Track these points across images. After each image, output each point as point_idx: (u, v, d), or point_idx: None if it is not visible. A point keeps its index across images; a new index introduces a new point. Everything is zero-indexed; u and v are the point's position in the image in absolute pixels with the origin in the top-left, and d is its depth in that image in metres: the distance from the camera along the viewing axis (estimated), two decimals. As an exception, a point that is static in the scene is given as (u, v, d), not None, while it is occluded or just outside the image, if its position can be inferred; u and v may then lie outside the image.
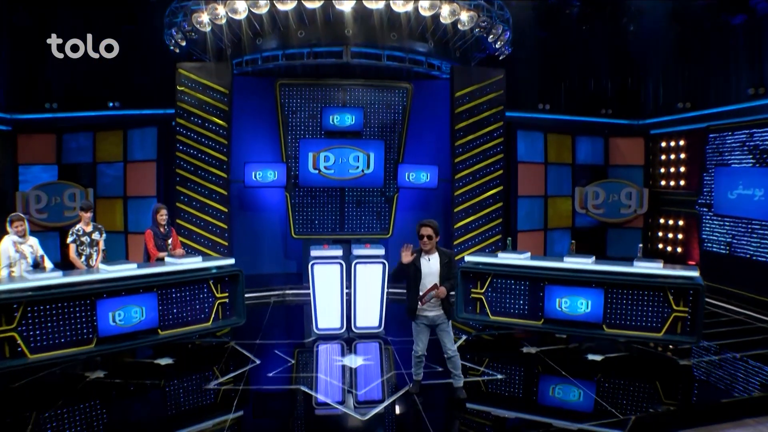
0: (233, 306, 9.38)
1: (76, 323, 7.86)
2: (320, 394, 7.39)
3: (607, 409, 6.73)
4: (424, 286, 6.86)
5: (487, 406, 6.94)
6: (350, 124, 13.07)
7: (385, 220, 13.63)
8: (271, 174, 12.97)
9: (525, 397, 7.54)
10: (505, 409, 6.86)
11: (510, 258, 9.44)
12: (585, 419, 6.48)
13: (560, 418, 6.47)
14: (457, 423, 6.75)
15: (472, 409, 6.84)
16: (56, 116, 14.25)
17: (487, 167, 13.12)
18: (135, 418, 6.89)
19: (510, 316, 9.30)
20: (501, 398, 7.22)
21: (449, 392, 7.10)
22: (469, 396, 7.04)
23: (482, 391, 7.45)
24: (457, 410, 6.84)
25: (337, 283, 9.68)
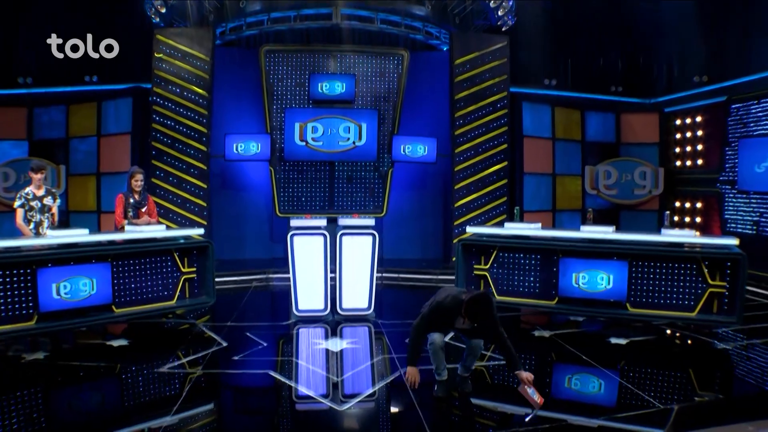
0: (202, 283, 8.07)
1: (13, 296, 6.63)
2: (291, 380, 6.01)
3: (634, 401, 5.39)
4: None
5: (492, 400, 5.51)
6: (340, 93, 11.81)
7: (379, 198, 12.29)
8: (254, 146, 11.66)
9: (537, 387, 5.90)
10: (512, 404, 5.30)
11: (518, 228, 8.10)
12: (608, 413, 5.10)
13: (576, 413, 5.04)
14: (455, 420, 5.31)
15: (475, 404, 5.45)
16: (30, 92, 13.01)
17: (490, 141, 11.82)
18: (63, 402, 5.59)
19: (519, 295, 7.95)
20: (508, 390, 5.59)
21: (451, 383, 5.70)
22: (473, 387, 5.68)
23: (487, 382, 6.03)
24: (458, 405, 5.46)
25: (320, 257, 8.32)
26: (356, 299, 8.39)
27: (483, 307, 5.04)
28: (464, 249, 8.11)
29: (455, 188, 11.75)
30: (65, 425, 5.08)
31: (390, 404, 5.50)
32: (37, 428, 4.84)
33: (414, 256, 12.76)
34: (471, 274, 8.16)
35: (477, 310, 5.03)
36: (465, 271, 8.14)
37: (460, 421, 5.21)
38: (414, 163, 12.13)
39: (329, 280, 8.38)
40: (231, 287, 10.61)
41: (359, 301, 8.40)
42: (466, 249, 8.12)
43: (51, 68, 12.83)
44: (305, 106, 12.08)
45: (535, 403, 4.93)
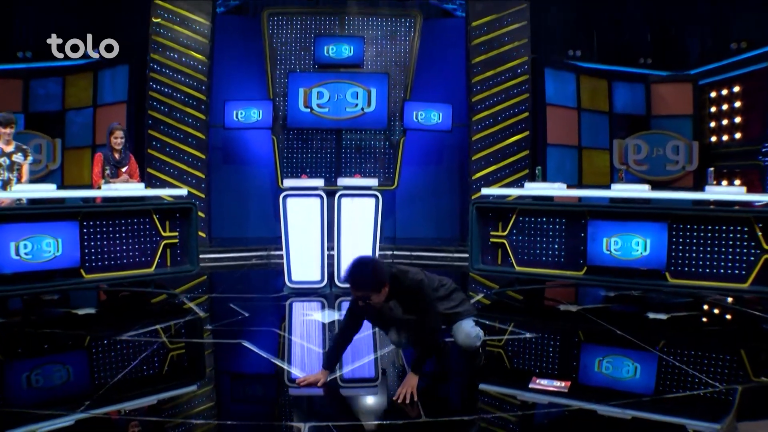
0: (185, 249, 7.14)
1: None
2: (264, 351, 4.92)
3: (681, 385, 4.25)
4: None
5: (507, 387, 4.23)
6: (348, 56, 10.86)
7: (390, 169, 11.24)
8: (255, 113, 10.74)
9: (562, 371, 4.64)
10: (532, 391, 4.01)
11: (540, 188, 7.01)
12: (648, 398, 3.94)
13: (606, 401, 3.79)
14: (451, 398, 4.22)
15: (484, 390, 4.24)
16: (30, 66, 12.15)
17: (509, 108, 10.72)
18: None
19: (542, 265, 6.85)
20: (526, 375, 4.29)
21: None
22: (487, 372, 4.45)
23: (505, 366, 4.77)
24: (464, 389, 4.33)
25: (316, 222, 7.33)
26: (357, 269, 7.35)
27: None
28: (479, 213, 7.07)
29: (472, 159, 10.67)
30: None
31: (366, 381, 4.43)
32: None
33: (428, 235, 11.70)
34: (487, 242, 7.11)
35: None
36: (480, 238, 7.10)
37: (459, 400, 4.17)
38: (428, 132, 11.09)
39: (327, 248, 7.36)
40: (228, 264, 9.67)
41: (361, 271, 7.35)
42: (481, 213, 7.08)
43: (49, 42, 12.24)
44: (310, 70, 11.15)
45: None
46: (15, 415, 3.44)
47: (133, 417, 3.52)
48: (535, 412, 3.73)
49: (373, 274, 3.65)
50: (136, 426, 3.40)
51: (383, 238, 10.67)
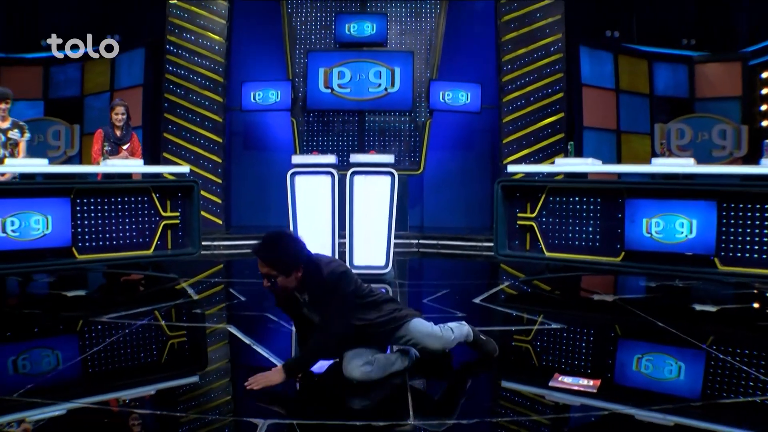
0: (186, 231, 6.61)
1: None
2: (249, 336, 4.23)
3: (734, 388, 3.43)
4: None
5: (524, 384, 3.44)
6: (370, 34, 10.27)
7: (416, 152, 10.56)
8: (273, 94, 10.20)
9: (592, 369, 3.82)
10: (552, 390, 3.23)
11: (572, 165, 6.27)
12: (696, 402, 3.17)
13: (645, 405, 2.99)
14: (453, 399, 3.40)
15: (494, 389, 3.51)
16: (50, 54, 11.84)
17: (543, 89, 9.98)
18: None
19: (574, 250, 6.09)
20: (549, 372, 3.47)
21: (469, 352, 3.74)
22: (503, 368, 3.69)
23: (525, 362, 3.93)
24: (469, 386, 3.53)
25: (327, 203, 6.70)
26: (371, 255, 6.73)
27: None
28: (505, 193, 6.36)
29: (503, 143, 9.96)
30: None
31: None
32: None
33: (457, 224, 10.97)
34: (514, 225, 6.40)
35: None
36: (506, 221, 6.40)
37: (460, 400, 3.37)
38: (455, 113, 10.39)
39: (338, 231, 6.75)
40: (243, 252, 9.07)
41: (374, 257, 6.72)
42: (507, 193, 6.38)
43: (73, 30, 11.90)
44: (331, 49, 10.59)
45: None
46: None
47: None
48: (553, 415, 3.00)
49: (285, 251, 3.10)
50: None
51: (409, 227, 10.14)
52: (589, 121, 10.47)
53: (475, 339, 3.62)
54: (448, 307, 5.29)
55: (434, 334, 3.38)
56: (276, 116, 10.76)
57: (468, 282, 7.00)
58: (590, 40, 10.75)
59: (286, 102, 10.25)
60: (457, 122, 10.83)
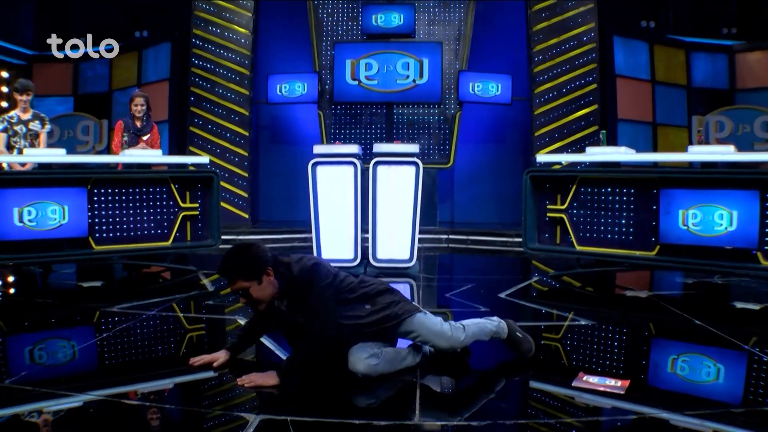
0: (206, 222, 6.43)
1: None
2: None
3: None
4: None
5: (554, 385, 3.12)
6: (398, 25, 10.04)
7: (445, 145, 10.30)
8: (299, 87, 10.03)
9: (625, 370, 3.45)
10: (585, 392, 2.92)
11: (605, 153, 5.94)
12: (741, 418, 2.70)
13: (680, 410, 2.66)
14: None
15: (526, 389, 3.17)
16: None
17: (575, 80, 9.65)
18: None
19: (606, 244, 5.75)
20: (575, 372, 3.18)
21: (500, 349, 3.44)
22: (533, 367, 3.33)
23: (557, 362, 3.57)
24: (489, 386, 3.16)
25: (349, 193, 6.49)
26: (394, 248, 6.50)
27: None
28: (534, 184, 6.08)
29: (535, 135, 9.65)
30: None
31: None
32: None
33: (489, 219, 10.66)
34: (543, 217, 6.11)
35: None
36: (535, 213, 6.11)
37: (476, 400, 3.03)
38: (485, 105, 10.10)
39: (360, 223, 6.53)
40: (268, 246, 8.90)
41: (398, 250, 6.50)
42: (536, 184, 6.09)
43: (104, 28, 11.93)
44: (358, 40, 10.39)
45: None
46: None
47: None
48: (574, 419, 2.68)
49: (246, 258, 2.90)
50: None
51: (439, 222, 9.87)
52: (623, 113, 10.09)
53: (511, 335, 3.31)
54: (471, 301, 5.05)
55: (442, 333, 3.11)
56: (303, 109, 10.60)
57: (495, 277, 6.73)
58: (624, 29, 10.36)
59: (312, 94, 10.07)
60: (488, 114, 10.53)
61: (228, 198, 9.94)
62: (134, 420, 2.61)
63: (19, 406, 2.69)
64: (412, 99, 10.13)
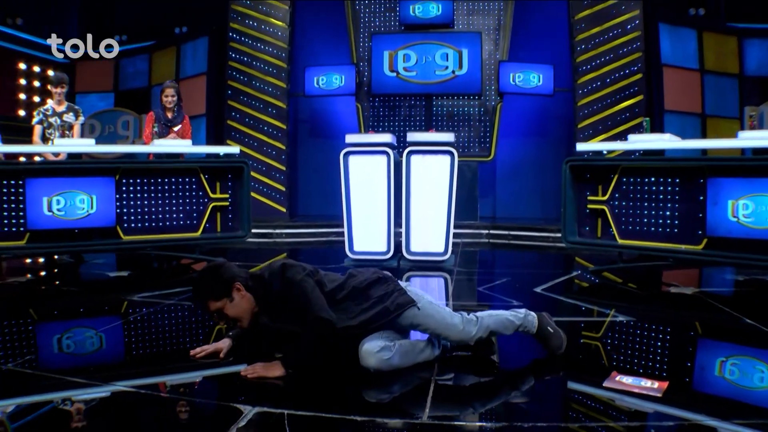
0: (236, 213, 6.30)
1: (1, 210, 5.31)
2: None
3: None
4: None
5: (584, 384, 2.83)
6: (436, 15, 9.75)
7: (486, 138, 10.01)
8: (337, 79, 9.86)
9: (665, 371, 3.08)
10: (617, 393, 2.61)
11: (648, 141, 5.60)
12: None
13: (727, 417, 2.35)
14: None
15: (551, 389, 2.93)
16: (124, 48, 12.01)
17: (620, 69, 9.20)
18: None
19: (650, 237, 5.37)
20: (610, 370, 2.88)
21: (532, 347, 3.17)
22: (563, 365, 3.04)
23: (590, 360, 3.25)
24: (509, 384, 2.89)
25: (382, 184, 6.29)
26: (429, 240, 6.27)
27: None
28: (574, 174, 5.76)
29: (578, 127, 9.27)
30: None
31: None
32: None
33: (532, 215, 10.25)
34: (584, 209, 5.77)
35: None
36: (575, 205, 5.78)
37: (493, 399, 2.76)
38: (527, 96, 9.73)
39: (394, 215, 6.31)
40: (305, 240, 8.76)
41: (432, 243, 6.26)
42: (576, 174, 5.77)
43: (143, 25, 12.14)
44: (395, 31, 10.14)
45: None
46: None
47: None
48: (601, 423, 2.40)
49: (212, 277, 2.82)
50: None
51: (480, 217, 9.58)
52: (670, 104, 9.63)
53: (541, 329, 3.03)
54: (505, 295, 4.81)
55: (452, 325, 2.87)
56: (342, 102, 10.42)
57: (532, 271, 6.43)
58: (671, 16, 9.89)
59: (350, 86, 9.88)
60: (529, 106, 10.17)
61: (265, 191, 9.84)
62: (128, 408, 2.51)
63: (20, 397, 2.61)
64: (451, 90, 9.85)
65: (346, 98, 10.22)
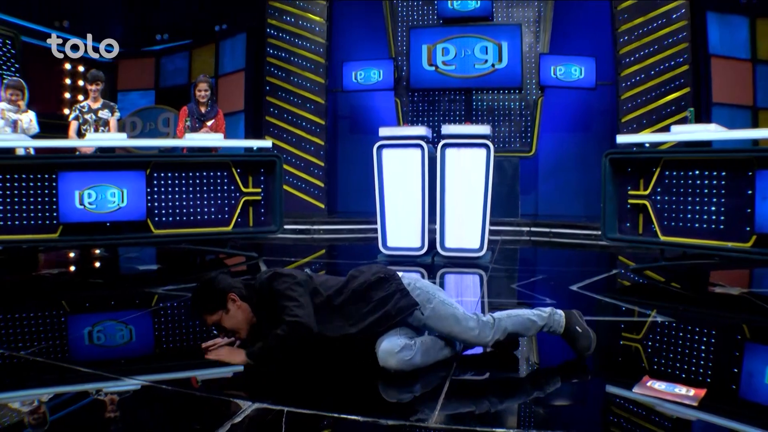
0: (268, 207, 6.24)
1: (35, 203, 5.39)
2: None
3: None
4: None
5: (615, 385, 2.65)
6: (475, 8, 9.53)
7: (527, 133, 9.75)
8: (375, 74, 9.76)
9: (704, 377, 2.78)
10: (655, 400, 2.35)
11: (692, 132, 5.31)
12: None
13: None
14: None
15: (584, 394, 2.66)
16: (165, 47, 12.38)
17: (665, 61, 8.83)
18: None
19: (694, 234, 5.06)
20: (641, 374, 2.68)
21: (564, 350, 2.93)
22: (591, 367, 2.85)
23: (621, 363, 3.03)
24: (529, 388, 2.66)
25: (416, 178, 6.14)
26: (464, 236, 6.10)
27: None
28: (614, 167, 5.52)
29: (621, 121, 8.95)
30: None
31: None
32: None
33: (575, 213, 9.93)
34: (624, 204, 5.51)
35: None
36: (616, 200, 5.53)
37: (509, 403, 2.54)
38: (568, 89, 9.44)
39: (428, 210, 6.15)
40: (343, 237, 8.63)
41: (468, 239, 6.09)
42: (617, 167, 5.52)
43: (184, 23, 12.24)
44: (434, 25, 9.95)
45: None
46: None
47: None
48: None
49: (205, 293, 2.69)
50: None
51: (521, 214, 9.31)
52: (719, 97, 9.18)
53: (568, 330, 2.82)
54: (537, 293, 4.62)
55: (466, 329, 2.67)
56: (381, 97, 10.30)
57: (570, 269, 6.18)
58: (719, 4, 9.44)
59: (388, 81, 9.76)
60: (571, 100, 9.87)
61: (303, 187, 9.78)
62: (128, 399, 2.44)
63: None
64: (491, 84, 9.60)
65: (385, 93, 10.10)
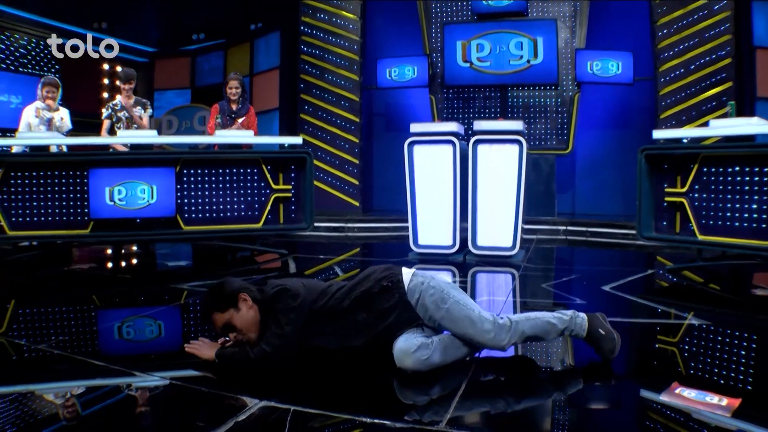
0: (299, 204, 6.20)
1: (67, 199, 5.50)
2: None
3: None
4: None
5: (646, 389, 2.51)
6: (509, 3, 9.33)
7: (563, 130, 9.54)
8: (409, 71, 9.68)
9: (740, 385, 2.60)
10: (683, 410, 2.21)
11: (733, 126, 5.10)
12: None
13: None
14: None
15: (605, 401, 2.52)
16: (200, 46, 12.53)
17: (706, 55, 8.51)
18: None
19: (733, 233, 4.84)
20: (671, 380, 2.51)
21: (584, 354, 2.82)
22: (617, 372, 2.69)
23: (657, 370, 2.81)
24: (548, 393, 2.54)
25: (448, 175, 6.03)
26: (496, 235, 5.97)
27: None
28: (650, 163, 5.35)
29: (660, 118, 8.68)
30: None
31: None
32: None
33: (614, 212, 9.63)
34: (661, 202, 5.32)
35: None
36: (652, 197, 5.35)
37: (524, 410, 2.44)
38: (605, 85, 9.19)
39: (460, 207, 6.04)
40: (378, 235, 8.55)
41: (500, 237, 5.96)
42: (653, 163, 5.35)
43: (219, 23, 12.37)
44: (468, 21, 9.79)
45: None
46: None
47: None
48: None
49: (217, 294, 2.66)
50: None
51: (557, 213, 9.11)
52: (763, 91, 8.77)
53: (591, 333, 2.67)
54: (568, 293, 4.48)
55: (481, 333, 2.56)
56: (416, 94, 10.20)
57: (605, 269, 5.99)
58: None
59: (423, 78, 9.67)
60: (608, 96, 9.61)
61: (338, 185, 9.75)
62: (132, 394, 2.44)
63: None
64: (526, 81, 9.39)
65: (420, 90, 10.01)
